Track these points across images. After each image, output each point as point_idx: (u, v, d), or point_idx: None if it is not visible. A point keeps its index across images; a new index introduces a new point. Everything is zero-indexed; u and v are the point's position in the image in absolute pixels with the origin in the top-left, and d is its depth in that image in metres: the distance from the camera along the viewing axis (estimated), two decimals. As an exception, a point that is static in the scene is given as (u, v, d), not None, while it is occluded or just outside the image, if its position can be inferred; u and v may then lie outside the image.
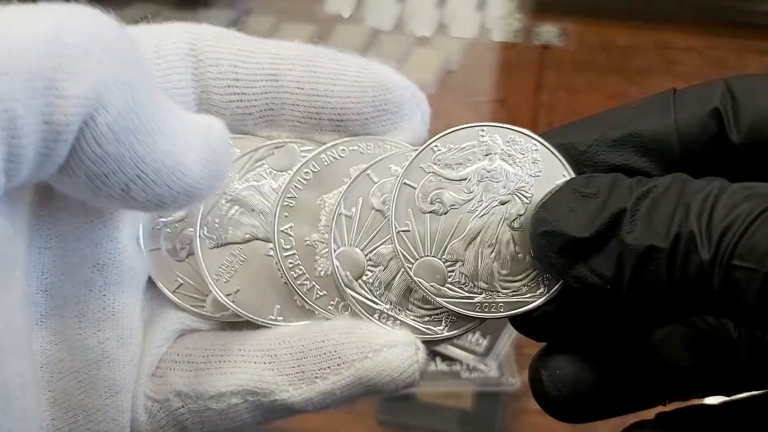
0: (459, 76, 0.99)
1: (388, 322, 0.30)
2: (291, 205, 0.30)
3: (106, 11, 0.24)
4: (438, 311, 0.30)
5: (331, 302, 0.30)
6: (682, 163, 0.28)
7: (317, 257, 0.30)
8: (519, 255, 0.29)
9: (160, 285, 0.30)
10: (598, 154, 0.29)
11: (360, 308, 0.30)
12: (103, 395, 0.28)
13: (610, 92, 0.96)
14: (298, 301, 0.30)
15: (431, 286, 0.29)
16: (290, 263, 0.30)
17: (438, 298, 0.29)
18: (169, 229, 0.30)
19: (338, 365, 0.28)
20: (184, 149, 0.25)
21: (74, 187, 0.24)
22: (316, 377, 0.28)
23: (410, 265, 0.29)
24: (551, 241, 0.27)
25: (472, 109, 0.95)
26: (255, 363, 0.29)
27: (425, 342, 0.30)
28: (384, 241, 0.30)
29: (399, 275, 0.30)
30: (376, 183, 0.30)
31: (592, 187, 0.27)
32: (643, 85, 0.96)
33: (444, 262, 0.30)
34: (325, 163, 0.30)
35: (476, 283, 0.29)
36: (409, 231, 0.30)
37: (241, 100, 0.29)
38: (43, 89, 0.21)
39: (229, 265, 0.30)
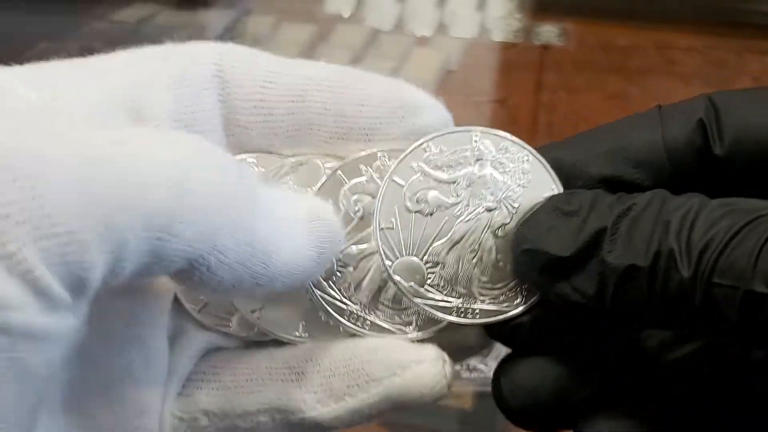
0: (459, 76, 0.99)
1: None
2: None
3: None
4: (408, 311, 0.30)
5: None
6: (671, 176, 0.29)
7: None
8: (500, 263, 0.29)
9: (185, 304, 0.30)
10: (588, 168, 0.29)
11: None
12: (131, 417, 0.28)
13: (610, 92, 0.96)
14: (322, 317, 0.30)
15: (410, 286, 0.29)
16: (315, 278, 0.29)
17: (415, 299, 0.29)
18: None
19: (366, 383, 0.28)
20: (298, 255, 0.26)
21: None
22: (345, 395, 0.28)
23: (390, 263, 0.29)
24: (533, 260, 0.28)
25: (472, 109, 0.94)
26: (282, 381, 0.29)
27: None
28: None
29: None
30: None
31: (572, 205, 0.28)
32: (643, 85, 0.96)
33: (424, 264, 0.29)
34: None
35: (455, 288, 0.29)
36: (392, 229, 0.29)
37: (267, 121, 0.30)
38: (159, 228, 0.22)
39: None
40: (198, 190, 0.22)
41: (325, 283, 0.30)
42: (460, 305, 0.29)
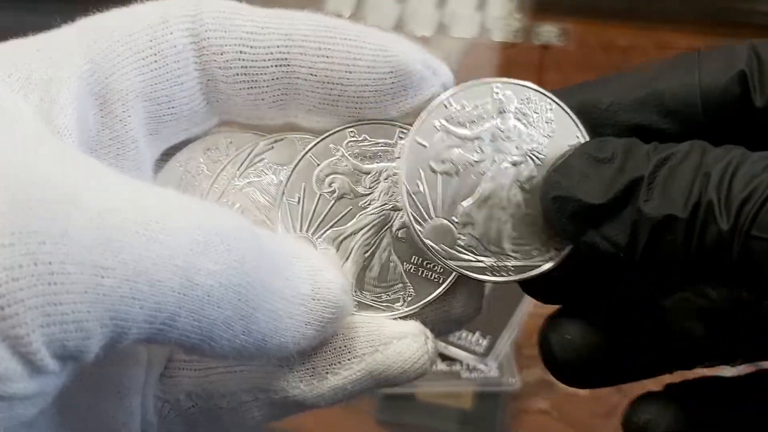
0: (459, 76, 0.99)
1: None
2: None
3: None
4: (395, 288, 0.30)
5: None
6: (704, 125, 0.28)
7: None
8: (529, 218, 0.29)
9: None
10: (619, 113, 0.29)
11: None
12: (112, 399, 0.28)
13: (610, 92, 0.96)
14: None
15: (441, 249, 0.29)
16: None
17: (448, 261, 0.29)
18: None
19: (348, 360, 0.28)
20: (295, 336, 0.26)
21: None
22: (327, 373, 0.28)
23: (420, 228, 0.29)
24: (563, 207, 0.27)
25: (472, 109, 0.94)
26: (265, 360, 0.29)
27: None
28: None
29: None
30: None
31: (606, 152, 0.27)
32: (643, 85, 0.96)
33: (454, 225, 0.29)
34: None
35: (487, 247, 0.29)
36: (420, 192, 0.29)
37: (252, 88, 0.28)
38: (161, 321, 0.22)
39: None
40: (203, 283, 0.22)
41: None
42: (493, 264, 0.29)
